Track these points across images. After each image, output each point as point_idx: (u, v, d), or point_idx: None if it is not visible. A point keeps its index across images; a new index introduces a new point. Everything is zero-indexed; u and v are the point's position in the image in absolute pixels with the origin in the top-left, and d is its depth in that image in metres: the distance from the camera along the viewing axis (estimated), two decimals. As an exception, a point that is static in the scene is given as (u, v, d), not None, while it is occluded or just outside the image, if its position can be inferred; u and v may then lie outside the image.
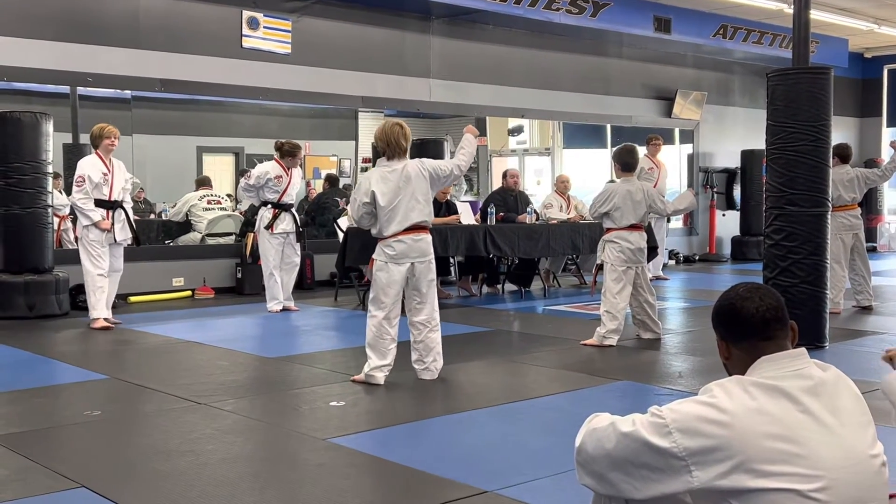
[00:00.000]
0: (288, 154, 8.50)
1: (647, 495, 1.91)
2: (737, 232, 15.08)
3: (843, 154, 8.53)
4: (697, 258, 14.58)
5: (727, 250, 15.11)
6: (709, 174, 15.12)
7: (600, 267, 6.82)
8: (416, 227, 5.26)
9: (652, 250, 10.36)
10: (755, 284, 2.05)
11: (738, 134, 15.12)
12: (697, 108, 14.73)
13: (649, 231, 10.23)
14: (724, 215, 15.16)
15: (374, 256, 5.33)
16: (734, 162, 15.15)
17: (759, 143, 7.63)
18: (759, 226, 13.61)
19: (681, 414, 1.87)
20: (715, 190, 15.06)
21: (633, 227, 6.71)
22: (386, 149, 5.23)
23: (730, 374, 2.00)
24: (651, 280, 10.99)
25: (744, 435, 1.80)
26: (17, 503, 3.31)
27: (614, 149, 6.96)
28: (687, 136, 15.10)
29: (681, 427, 1.85)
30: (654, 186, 11.17)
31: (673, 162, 13.98)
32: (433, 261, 5.37)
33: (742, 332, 2.00)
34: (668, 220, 11.88)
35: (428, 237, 5.35)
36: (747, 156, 14.80)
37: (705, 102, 14.78)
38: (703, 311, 8.61)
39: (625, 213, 6.65)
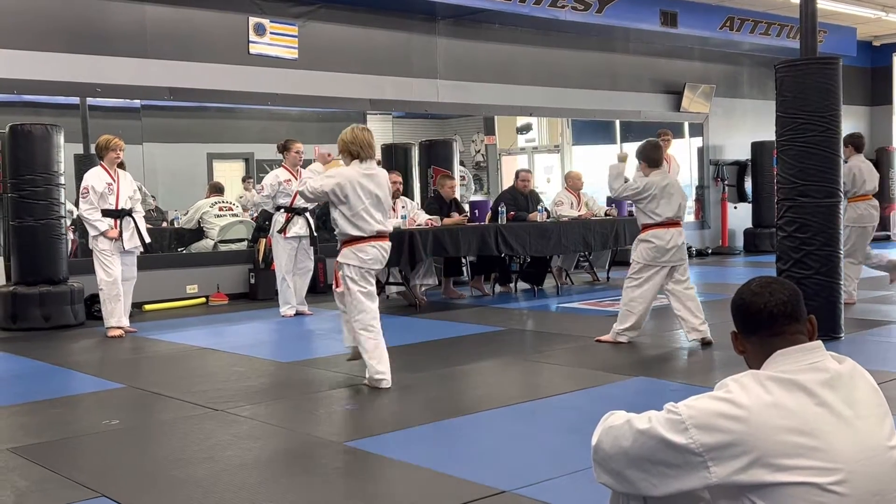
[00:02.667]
0: (283, 150, 8.55)
1: (665, 492, 1.91)
2: (749, 224, 15.02)
3: (857, 143, 8.46)
4: (710, 251, 14.54)
5: (739, 243, 15.06)
6: (719, 167, 15.07)
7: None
8: (384, 235, 5.37)
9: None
10: (770, 279, 2.04)
11: (747, 126, 15.07)
12: (706, 102, 14.69)
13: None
14: (735, 208, 15.11)
15: (343, 261, 5.27)
16: (744, 154, 15.10)
17: (769, 134, 7.60)
18: (771, 218, 13.55)
19: (697, 410, 1.87)
20: (726, 183, 15.02)
21: (670, 224, 6.39)
22: (360, 152, 5.32)
23: (748, 368, 2.00)
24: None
25: (760, 429, 1.80)
26: (39, 514, 3.34)
27: (637, 146, 6.75)
28: (696, 130, 15.06)
29: (697, 423, 1.85)
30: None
31: (683, 156, 13.95)
32: None
33: (752, 327, 2.00)
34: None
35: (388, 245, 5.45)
36: (758, 148, 14.74)
37: (714, 95, 14.74)
38: (717, 304, 8.57)
39: (661, 204, 6.35)
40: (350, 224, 5.26)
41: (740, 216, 15.09)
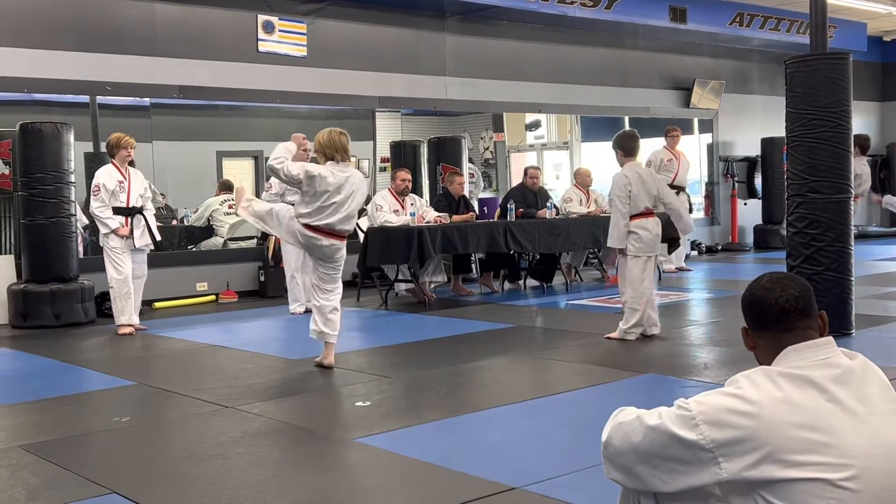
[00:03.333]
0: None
1: (676, 488, 1.90)
2: (759, 220, 14.98)
3: (863, 145, 8.52)
4: (720, 248, 14.50)
5: (749, 239, 15.02)
6: (729, 163, 15.03)
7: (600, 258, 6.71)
8: (341, 235, 5.70)
9: (674, 241, 10.37)
10: (781, 274, 2.04)
11: (757, 122, 15.02)
12: (716, 98, 14.65)
13: (670, 222, 10.24)
14: (745, 204, 15.07)
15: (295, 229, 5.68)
16: (754, 150, 15.05)
17: (779, 130, 7.58)
18: (781, 214, 13.51)
19: (707, 406, 1.86)
20: (736, 179, 14.98)
21: (647, 214, 6.52)
22: (335, 155, 5.66)
23: (759, 364, 1.99)
24: (674, 271, 11.08)
25: (771, 425, 1.80)
26: (50, 510, 3.35)
27: (615, 136, 6.81)
28: (706, 126, 15.01)
29: (708, 419, 1.84)
30: (675, 178, 11.18)
31: (692, 152, 13.91)
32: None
33: (763, 323, 1.99)
34: (691, 211, 11.81)
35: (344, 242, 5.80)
36: (767, 144, 14.70)
37: (723, 91, 14.69)
38: (727, 301, 8.56)
39: (640, 197, 6.46)
40: (308, 213, 5.61)
41: (750, 212, 15.05)
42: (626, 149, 6.66)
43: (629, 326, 6.48)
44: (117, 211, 7.56)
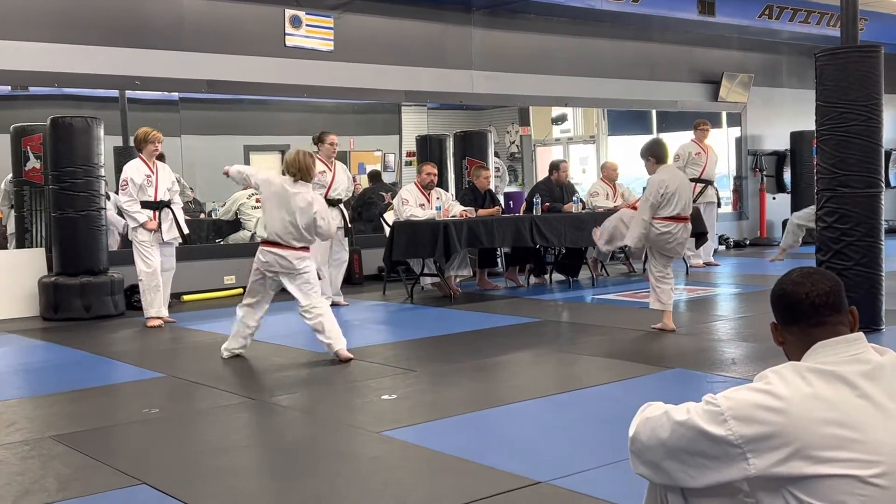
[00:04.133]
0: (318, 141, 8.57)
1: (703, 483, 1.90)
2: (788, 215, 14.79)
3: None
4: (748, 243, 14.39)
5: (778, 234, 14.87)
6: (758, 157, 14.90)
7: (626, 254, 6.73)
8: (282, 245, 5.88)
9: (701, 236, 10.31)
10: (811, 269, 2.02)
11: (786, 115, 14.86)
12: (744, 91, 14.52)
13: (698, 216, 10.18)
14: (774, 198, 14.93)
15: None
16: (783, 144, 14.90)
17: (808, 124, 7.50)
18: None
19: (736, 401, 1.86)
20: (764, 173, 14.85)
21: (679, 218, 6.54)
22: (297, 174, 5.84)
23: (788, 359, 1.98)
24: (702, 266, 11.01)
25: (800, 421, 1.78)
26: (81, 500, 3.39)
27: (642, 146, 6.79)
28: (734, 120, 14.89)
29: (736, 414, 1.83)
30: (703, 171, 11.12)
31: (721, 146, 13.80)
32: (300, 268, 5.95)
33: (793, 318, 1.98)
34: (719, 205, 11.74)
35: (292, 253, 5.92)
36: (797, 137, 14.54)
37: (752, 84, 14.56)
38: (755, 296, 8.50)
39: (679, 197, 6.48)
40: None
41: (779, 207, 14.90)
42: (658, 156, 6.63)
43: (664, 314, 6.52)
44: (145, 205, 7.63)
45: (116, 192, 8.26)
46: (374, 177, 12.46)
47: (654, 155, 6.63)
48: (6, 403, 5.06)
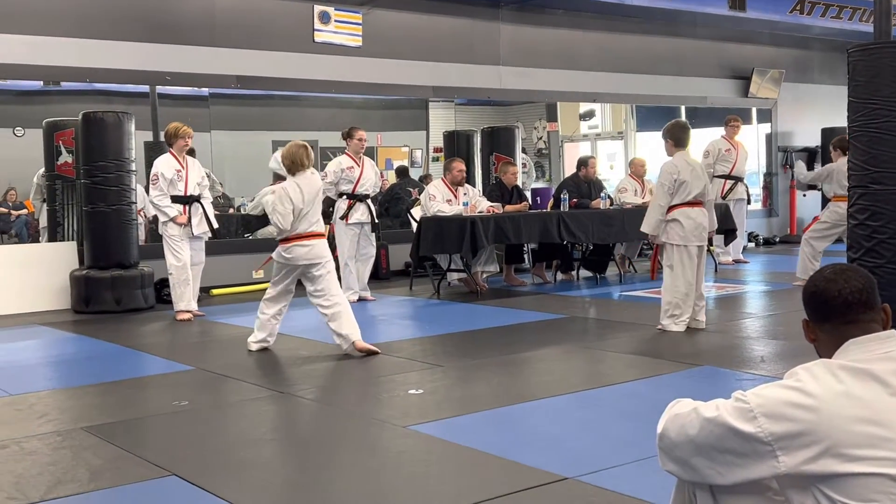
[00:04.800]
0: (347, 137, 8.60)
1: (732, 481, 1.89)
2: (818, 212, 14.65)
3: (845, 147, 8.66)
4: (778, 240, 14.26)
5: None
6: (788, 154, 14.75)
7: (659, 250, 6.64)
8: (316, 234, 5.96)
9: (731, 232, 10.24)
10: (844, 266, 2.00)
11: (817, 112, 14.70)
12: (775, 87, 14.39)
13: (727, 213, 10.11)
14: (804, 195, 14.77)
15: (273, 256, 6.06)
16: (814, 141, 14.75)
17: (840, 120, 7.43)
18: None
19: (766, 398, 1.84)
20: (795, 170, 14.69)
21: (695, 203, 6.48)
22: (292, 167, 5.90)
23: (819, 357, 1.96)
24: (731, 263, 10.93)
25: (831, 419, 1.77)
26: (112, 491, 3.44)
27: (665, 125, 6.75)
28: (765, 116, 14.76)
29: (766, 412, 1.82)
30: (733, 168, 11.04)
31: (751, 142, 13.69)
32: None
33: (825, 315, 1.96)
34: (749, 202, 11.64)
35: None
36: (828, 134, 14.35)
37: (783, 80, 14.42)
38: (785, 294, 8.43)
39: (690, 185, 6.44)
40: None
41: (809, 204, 14.75)
42: (677, 139, 6.60)
43: (665, 317, 6.43)
44: (175, 199, 7.70)
45: (146, 187, 8.35)
46: (402, 172, 12.48)
47: (674, 137, 6.60)
48: (38, 395, 5.13)
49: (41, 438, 4.16)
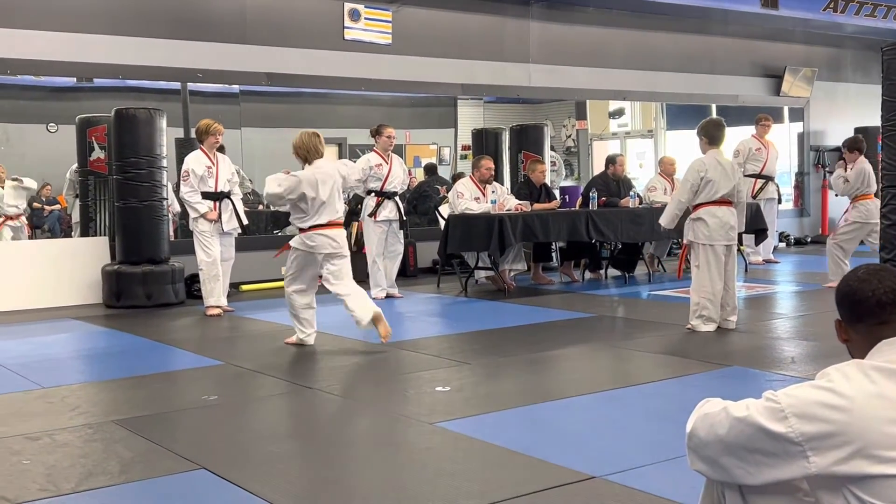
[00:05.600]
0: (375, 134, 8.63)
1: (762, 481, 1.87)
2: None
3: (862, 148, 8.67)
4: (809, 240, 14.12)
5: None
6: (820, 153, 14.60)
7: (687, 249, 6.58)
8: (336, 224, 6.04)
9: (761, 232, 10.15)
10: (878, 266, 1.98)
11: (850, 111, 14.54)
12: (807, 85, 14.24)
13: (758, 213, 10.02)
14: (836, 195, 14.60)
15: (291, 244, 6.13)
16: (847, 140, 14.59)
17: (873, 119, 7.35)
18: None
19: (797, 399, 1.83)
20: (827, 169, 14.54)
21: (722, 202, 6.40)
22: (307, 155, 6.03)
23: (852, 357, 1.94)
24: (762, 263, 10.84)
25: (863, 420, 1.76)
26: (143, 483, 3.47)
27: (700, 123, 6.70)
28: (797, 115, 14.62)
29: (797, 412, 1.81)
30: (763, 167, 10.94)
31: (782, 141, 13.57)
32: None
33: (858, 315, 1.94)
34: (780, 201, 11.54)
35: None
36: (861, 133, 14.19)
37: (816, 79, 14.27)
38: (816, 294, 8.35)
39: (717, 184, 6.36)
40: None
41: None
42: (711, 136, 6.54)
43: (694, 317, 6.38)
44: (206, 195, 7.76)
45: (176, 184, 8.42)
46: (430, 170, 12.49)
47: (708, 135, 6.54)
48: (70, 388, 5.20)
49: (73, 431, 4.21)
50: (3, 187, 10.23)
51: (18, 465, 3.68)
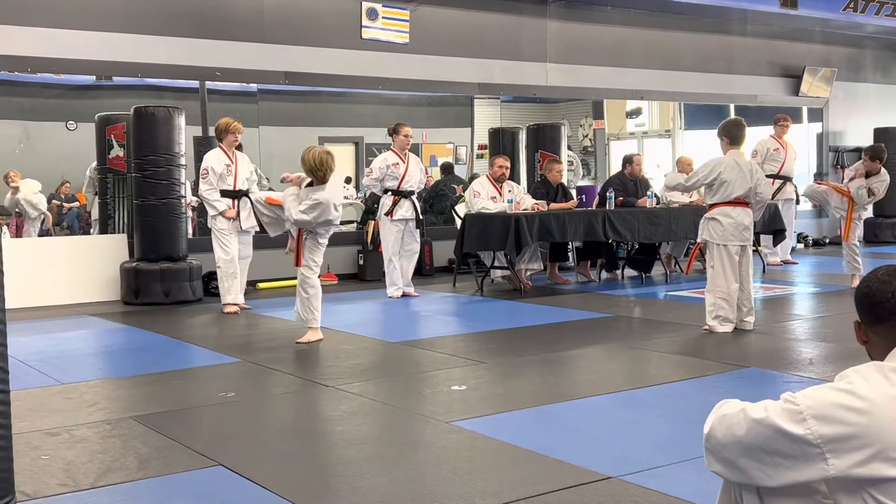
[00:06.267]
0: (393, 133, 8.64)
1: (780, 483, 1.87)
2: (869, 213, 14.41)
3: (882, 156, 8.70)
4: (828, 241, 14.03)
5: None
6: (839, 154, 14.51)
7: (700, 249, 6.56)
8: None
9: (779, 233, 10.09)
10: (897, 267, 1.97)
11: (870, 111, 14.44)
12: (826, 86, 14.15)
13: (776, 213, 9.97)
14: (857, 205, 14.51)
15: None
16: (866, 140, 14.43)
17: (893, 120, 7.30)
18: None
19: (816, 400, 1.82)
20: (846, 170, 14.45)
21: (738, 202, 6.38)
22: (327, 174, 6.08)
23: (871, 360, 1.93)
24: (780, 264, 10.78)
25: (883, 423, 1.74)
26: (160, 479, 3.49)
27: (720, 123, 6.68)
28: (815, 115, 14.53)
29: (816, 414, 1.80)
30: (781, 168, 10.88)
31: (800, 141, 13.49)
32: None
33: (877, 317, 1.93)
34: (798, 202, 11.47)
35: None
36: (880, 134, 14.10)
37: (835, 79, 14.18)
38: (834, 295, 8.30)
39: (732, 185, 6.33)
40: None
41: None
42: (732, 136, 6.51)
43: (711, 318, 6.36)
44: (224, 194, 7.80)
45: (195, 182, 8.46)
46: (446, 169, 12.50)
47: (729, 135, 6.52)
48: (88, 384, 5.23)
49: (91, 427, 4.24)
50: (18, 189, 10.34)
51: (37, 461, 3.72)
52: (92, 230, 10.31)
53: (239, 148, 8.08)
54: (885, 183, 8.70)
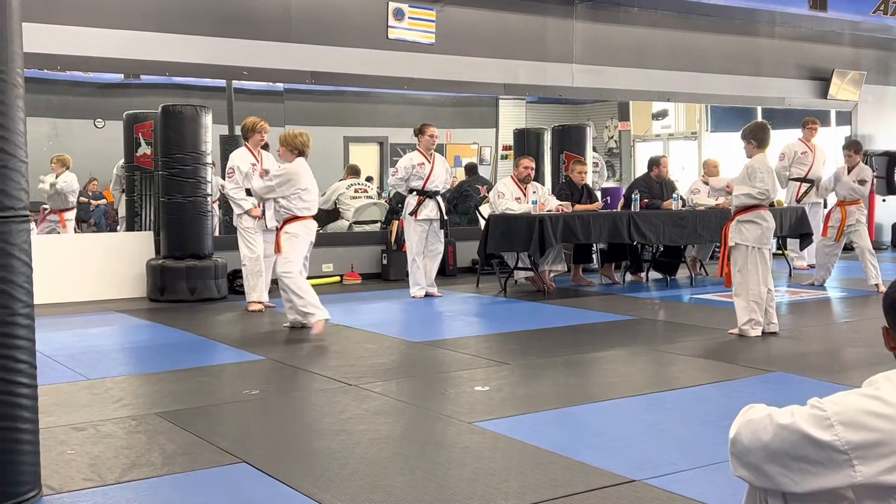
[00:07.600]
0: (418, 133, 8.65)
1: (807, 489, 1.85)
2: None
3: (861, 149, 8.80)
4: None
5: (888, 237, 14.32)
6: (868, 158, 14.32)
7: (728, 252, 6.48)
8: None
9: (806, 237, 10.01)
10: (926, 273, 1.95)
11: (900, 115, 14.29)
12: (855, 89, 14.01)
13: (803, 217, 9.89)
14: (884, 200, 14.36)
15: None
16: (895, 145, 14.34)
17: (924, 123, 7.22)
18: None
19: (843, 406, 1.80)
20: (875, 174, 14.29)
21: (769, 206, 6.49)
22: (304, 150, 6.75)
23: (900, 365, 1.91)
24: (806, 268, 10.68)
25: (912, 430, 1.73)
26: (185, 476, 3.52)
27: (746, 126, 6.62)
28: (844, 119, 14.39)
29: (843, 420, 1.78)
30: (809, 171, 10.79)
31: (829, 145, 13.36)
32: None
33: (905, 322, 1.91)
34: (825, 206, 11.35)
35: None
36: (911, 138, 13.97)
37: (864, 82, 14.03)
38: (861, 300, 8.22)
39: (771, 190, 6.39)
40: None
41: (889, 210, 14.34)
42: (760, 140, 6.46)
43: (743, 322, 6.31)
44: (250, 193, 7.83)
45: (222, 179, 8.51)
46: (471, 170, 12.50)
47: (757, 138, 6.46)
48: (115, 380, 5.28)
49: (116, 422, 4.28)
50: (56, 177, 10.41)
51: (63, 455, 3.75)
52: (119, 227, 10.39)
53: (265, 147, 8.13)
54: (868, 169, 9.02)
